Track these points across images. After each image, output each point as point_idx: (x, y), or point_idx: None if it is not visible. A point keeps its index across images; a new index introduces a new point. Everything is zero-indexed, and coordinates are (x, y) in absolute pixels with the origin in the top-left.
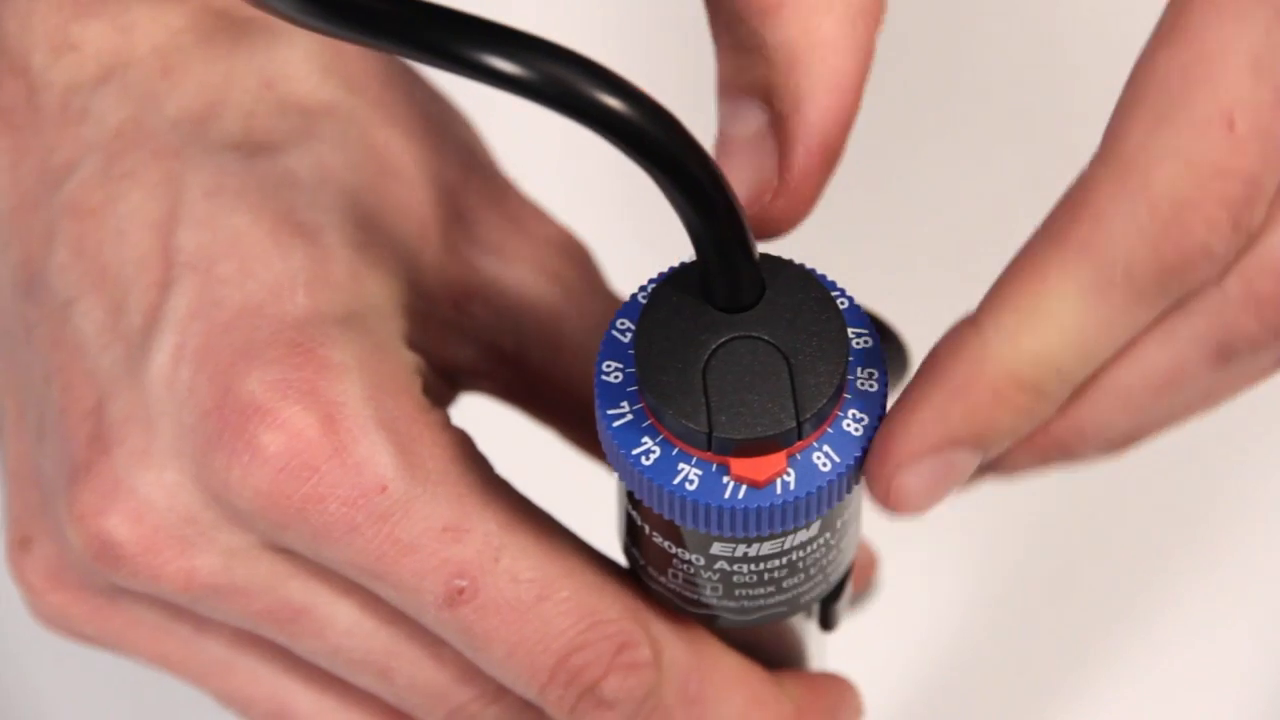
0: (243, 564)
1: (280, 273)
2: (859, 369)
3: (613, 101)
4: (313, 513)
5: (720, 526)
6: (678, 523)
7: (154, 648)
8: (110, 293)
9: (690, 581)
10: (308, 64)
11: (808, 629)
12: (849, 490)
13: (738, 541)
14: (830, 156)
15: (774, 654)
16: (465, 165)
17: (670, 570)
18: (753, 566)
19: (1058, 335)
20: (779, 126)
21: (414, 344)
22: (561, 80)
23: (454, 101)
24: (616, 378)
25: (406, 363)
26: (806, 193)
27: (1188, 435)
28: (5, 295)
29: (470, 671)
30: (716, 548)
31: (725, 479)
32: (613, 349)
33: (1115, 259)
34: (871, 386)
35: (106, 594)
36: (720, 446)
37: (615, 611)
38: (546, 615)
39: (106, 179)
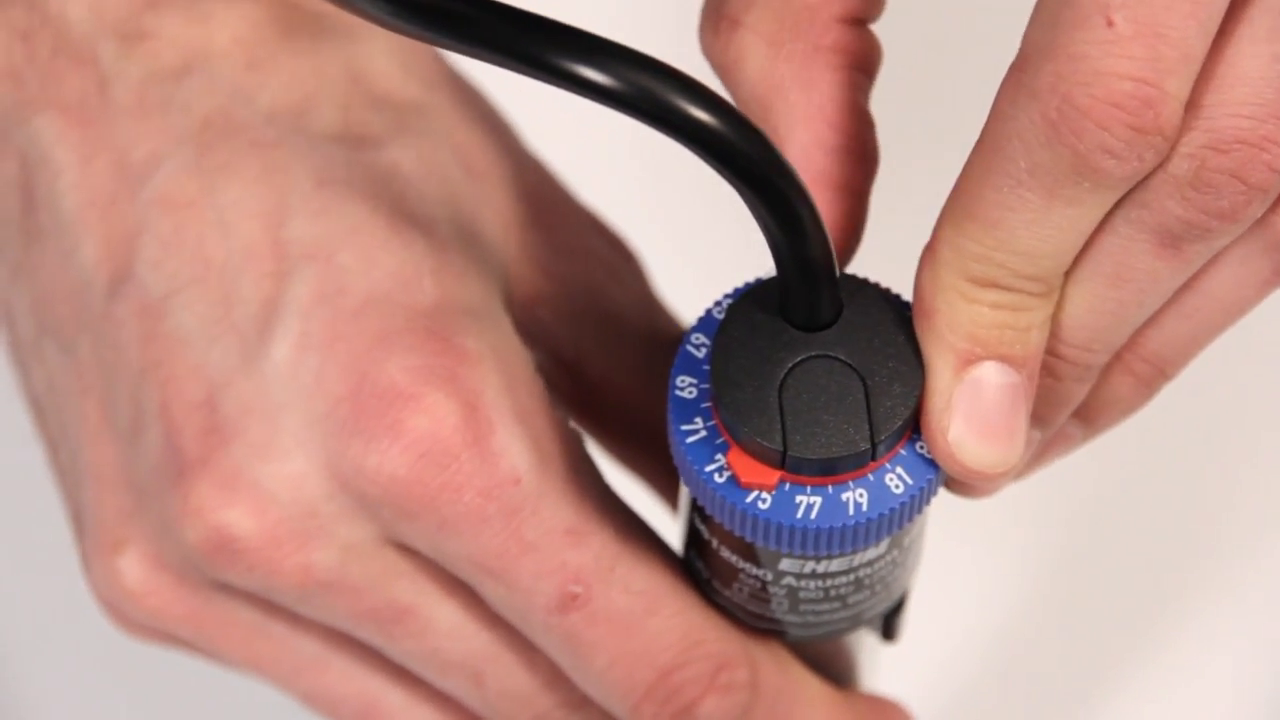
0: (357, 560)
1: (404, 261)
2: None
3: (703, 115)
4: (446, 502)
5: (791, 545)
6: (748, 539)
7: (246, 647)
8: (216, 285)
9: (756, 596)
10: (389, 60)
11: (868, 641)
12: (919, 511)
13: (807, 559)
14: (834, 187)
15: (834, 668)
16: (530, 168)
17: (736, 584)
18: (820, 583)
19: (988, 236)
20: None
21: None
22: (653, 92)
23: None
24: (691, 393)
25: (528, 358)
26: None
27: (1206, 434)
28: (78, 297)
29: (558, 677)
30: (785, 564)
31: (798, 498)
32: (687, 364)
33: (1018, 160)
34: None
35: (204, 593)
36: (794, 466)
37: (716, 631)
38: (653, 630)
39: (199, 171)
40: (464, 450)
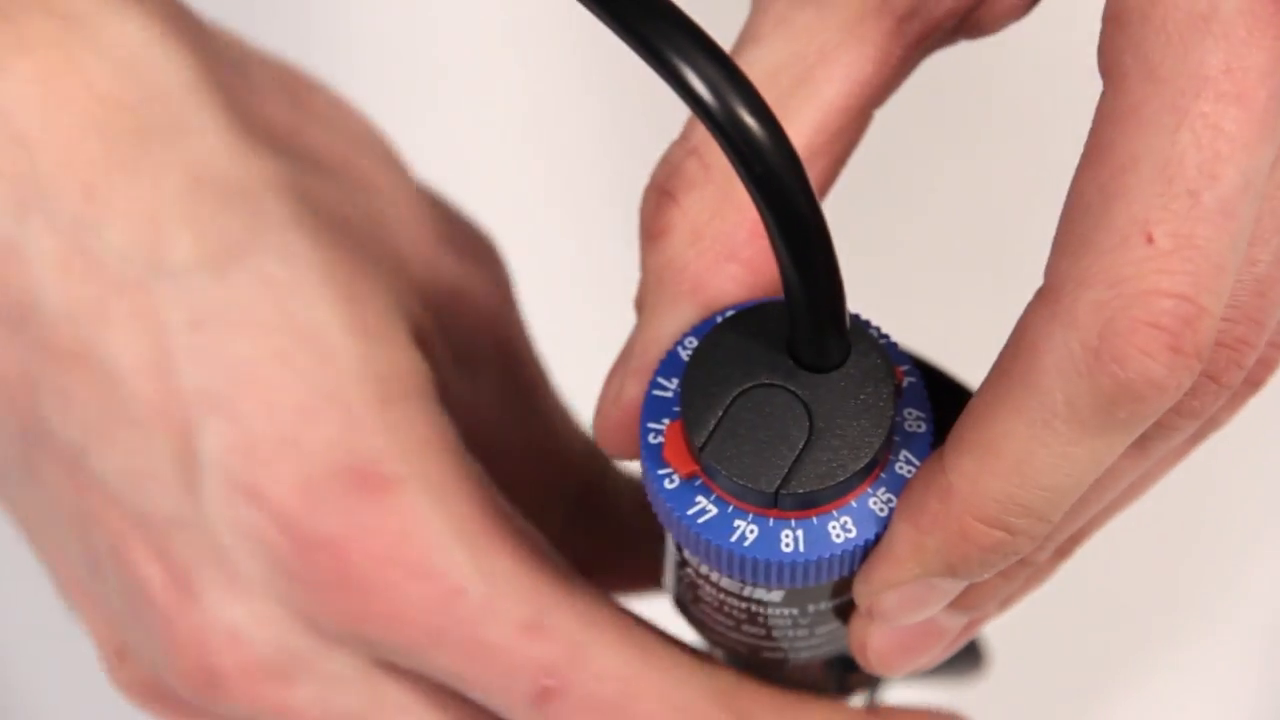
0: (340, 692)
1: (302, 395)
2: (903, 452)
3: (752, 122)
4: (398, 627)
5: (678, 534)
6: (654, 508)
7: None
8: (125, 441)
9: (676, 575)
10: (225, 146)
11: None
12: (806, 582)
13: (697, 557)
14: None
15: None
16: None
17: (666, 554)
18: (713, 591)
19: (1014, 474)
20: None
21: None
22: (718, 89)
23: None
24: (667, 394)
25: (451, 438)
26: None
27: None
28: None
29: None
30: (687, 552)
31: (698, 498)
32: (673, 366)
33: (1054, 393)
34: (908, 472)
35: (203, 712)
36: (706, 468)
37: (704, 702)
38: (636, 714)
39: (71, 319)
40: (405, 580)
